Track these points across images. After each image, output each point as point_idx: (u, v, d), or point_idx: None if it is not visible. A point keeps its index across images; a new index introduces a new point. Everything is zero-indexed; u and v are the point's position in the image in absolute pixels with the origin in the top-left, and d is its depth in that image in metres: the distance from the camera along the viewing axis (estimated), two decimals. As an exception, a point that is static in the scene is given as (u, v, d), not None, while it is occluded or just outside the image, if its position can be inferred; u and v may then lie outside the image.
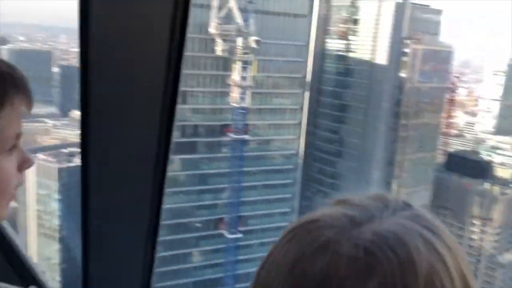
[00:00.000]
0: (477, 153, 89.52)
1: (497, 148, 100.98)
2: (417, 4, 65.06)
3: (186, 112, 55.61)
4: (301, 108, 61.21)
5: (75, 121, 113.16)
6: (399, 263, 0.57)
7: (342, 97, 67.78)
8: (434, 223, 0.66)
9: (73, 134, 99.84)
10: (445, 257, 0.61)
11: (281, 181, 61.47)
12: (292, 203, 63.36)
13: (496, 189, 72.19)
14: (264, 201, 60.78)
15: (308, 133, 66.48)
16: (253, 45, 53.19)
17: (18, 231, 72.86)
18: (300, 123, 61.75)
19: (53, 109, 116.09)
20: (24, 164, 0.87)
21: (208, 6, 52.37)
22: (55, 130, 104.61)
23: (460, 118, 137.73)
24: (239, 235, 57.83)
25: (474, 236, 75.54)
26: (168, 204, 55.72)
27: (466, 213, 73.97)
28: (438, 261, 0.60)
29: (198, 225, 57.61)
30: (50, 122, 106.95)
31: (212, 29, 52.51)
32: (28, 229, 68.85)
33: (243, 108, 54.37)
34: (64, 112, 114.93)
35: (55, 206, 68.67)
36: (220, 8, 52.35)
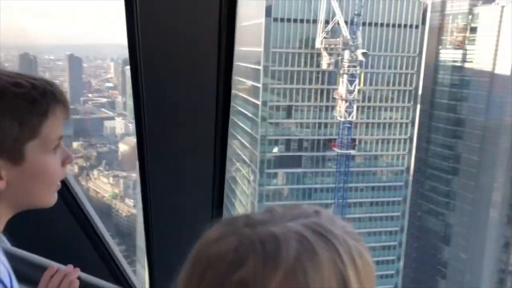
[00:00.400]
0: None
1: None
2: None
3: (292, 126, 56.05)
4: (412, 122, 58.27)
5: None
6: (264, 256, 0.66)
7: (458, 111, 63.17)
8: (328, 229, 0.72)
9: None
10: (320, 257, 0.67)
11: (389, 198, 58.91)
12: (401, 222, 60.27)
13: None
14: (371, 218, 58.67)
15: (419, 148, 62.94)
16: (360, 57, 52.10)
17: (137, 235, 78.93)
18: (410, 138, 58.78)
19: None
20: (66, 160, 1.12)
21: (314, 21, 52.58)
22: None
23: None
24: (344, 253, 56.35)
25: None
26: (272, 217, 56.34)
27: None
28: (309, 259, 0.66)
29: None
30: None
31: (318, 44, 52.55)
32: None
33: (349, 122, 53.35)
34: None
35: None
36: (326, 22, 52.25)
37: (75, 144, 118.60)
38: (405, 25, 55.03)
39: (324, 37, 52.25)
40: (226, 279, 0.67)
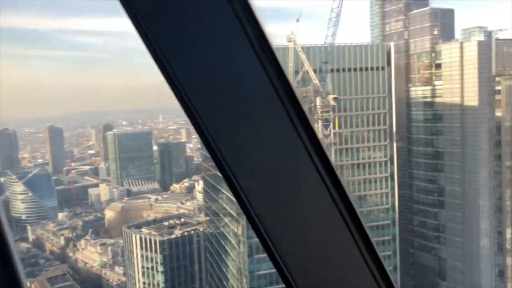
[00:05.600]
0: None
1: None
2: (504, 39, 61.87)
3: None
4: (391, 160, 59.27)
5: (175, 194, 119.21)
6: None
7: (435, 144, 64.60)
8: None
9: (174, 207, 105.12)
10: None
11: (379, 238, 58.71)
12: (393, 261, 59.75)
13: None
14: (363, 260, 58.01)
15: (402, 185, 63.63)
16: (332, 102, 53.67)
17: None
18: (391, 175, 59.56)
19: (155, 185, 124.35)
20: None
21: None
22: (157, 204, 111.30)
23: None
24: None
25: None
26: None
27: None
28: None
29: None
30: (153, 197, 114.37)
31: (291, 93, 54.08)
32: (137, 302, 71.96)
33: (329, 166, 53.97)
34: (164, 187, 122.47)
35: (159, 278, 71.44)
36: (296, 72, 54.13)
37: (60, 216, 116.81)
38: (372, 68, 57.23)
39: (296, 87, 53.84)
40: None
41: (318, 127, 53.82)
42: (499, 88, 59.20)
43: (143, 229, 72.71)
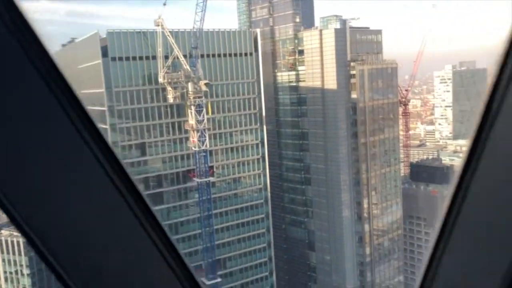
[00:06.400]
0: (439, 160, 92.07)
1: (459, 152, 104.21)
2: (356, 27, 67.91)
3: (148, 163, 55.22)
4: (262, 142, 61.82)
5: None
6: None
7: (300, 126, 69.01)
8: None
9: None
10: None
11: (253, 217, 61.19)
12: (268, 238, 62.91)
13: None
14: (239, 240, 60.21)
15: (272, 165, 66.93)
16: (204, 88, 53.90)
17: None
18: (263, 157, 62.20)
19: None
20: None
21: (154, 57, 53.11)
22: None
23: (418, 128, 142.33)
24: (219, 279, 56.72)
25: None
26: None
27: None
28: None
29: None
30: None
31: (161, 79, 53.09)
32: (0, 310, 65.44)
33: (204, 151, 54.43)
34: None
35: (26, 281, 65.82)
36: (166, 57, 53.14)
37: None
38: (240, 54, 58.69)
39: (166, 72, 53.01)
40: None
41: (191, 113, 53.78)
42: (353, 72, 65.15)
43: (2, 231, 66.07)
